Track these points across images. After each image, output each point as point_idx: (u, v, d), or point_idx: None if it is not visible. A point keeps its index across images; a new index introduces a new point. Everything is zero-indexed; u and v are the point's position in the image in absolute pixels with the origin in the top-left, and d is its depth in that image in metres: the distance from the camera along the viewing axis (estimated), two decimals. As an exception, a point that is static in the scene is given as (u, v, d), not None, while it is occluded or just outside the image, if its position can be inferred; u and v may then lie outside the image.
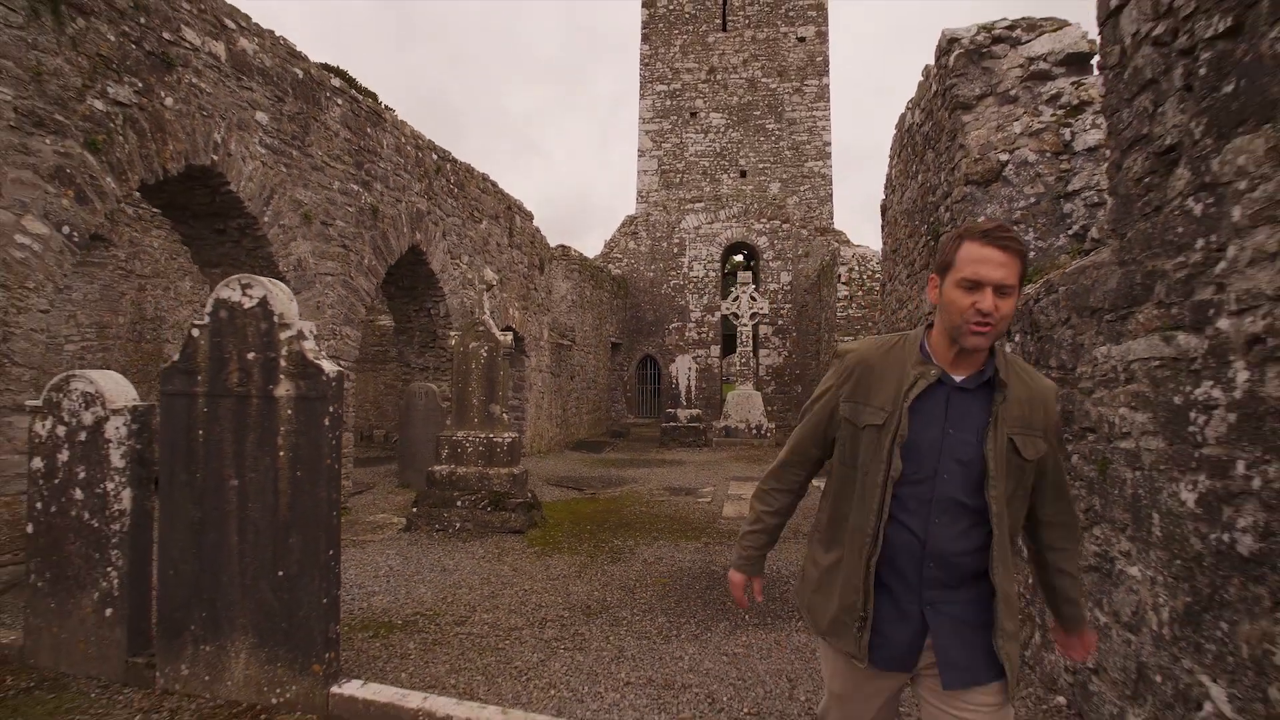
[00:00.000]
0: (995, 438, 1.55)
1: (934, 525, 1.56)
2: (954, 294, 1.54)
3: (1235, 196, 1.98)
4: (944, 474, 1.57)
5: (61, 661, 3.44)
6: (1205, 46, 2.12)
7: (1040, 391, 1.64)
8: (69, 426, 3.43)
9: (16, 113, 4.33)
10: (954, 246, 1.57)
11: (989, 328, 1.51)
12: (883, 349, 1.69)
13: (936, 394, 1.60)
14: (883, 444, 1.59)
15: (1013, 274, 1.51)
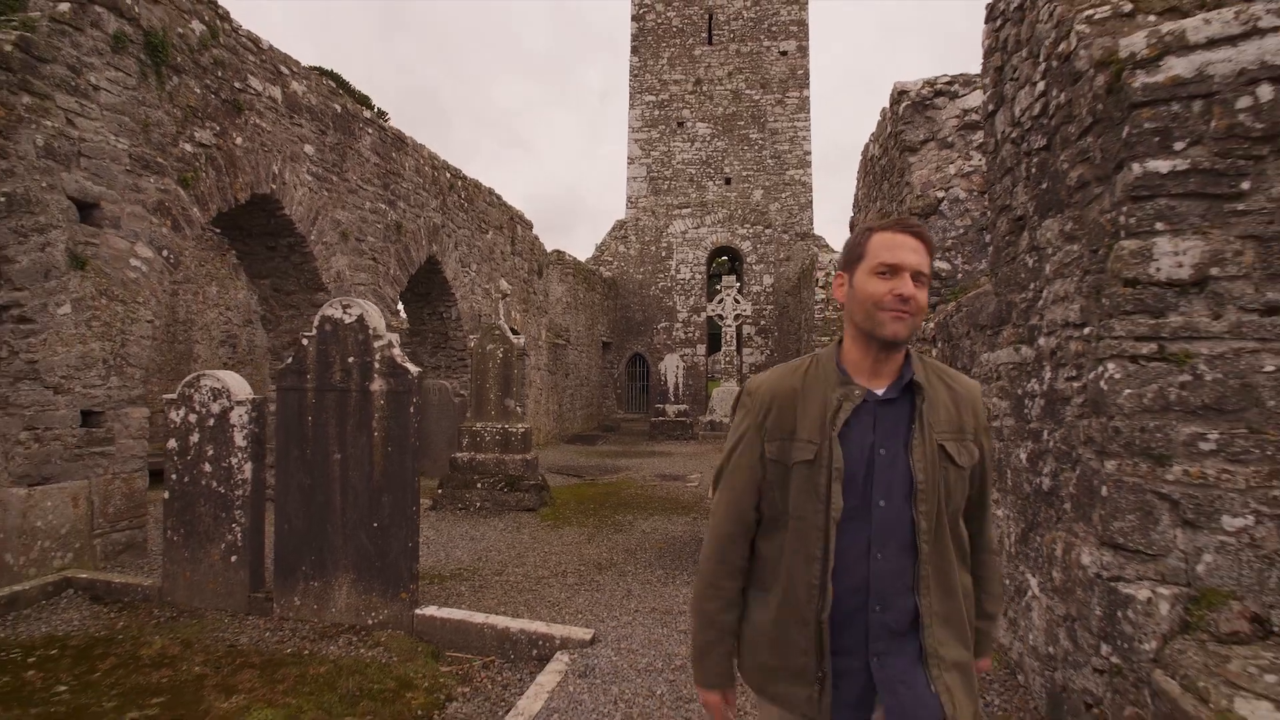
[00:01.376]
0: (923, 444, 1.39)
1: (876, 563, 1.37)
2: (869, 283, 1.39)
3: (1047, 257, 3.02)
4: (880, 500, 1.38)
5: (194, 598, 4.40)
6: (1035, 153, 3.17)
7: (966, 390, 1.50)
8: (199, 414, 4.39)
9: (131, 158, 5.26)
10: (864, 238, 1.44)
11: (908, 314, 1.36)
12: (796, 374, 1.50)
13: (862, 414, 1.42)
14: (817, 481, 1.39)
15: (925, 263, 1.40)
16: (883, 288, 1.38)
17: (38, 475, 4.70)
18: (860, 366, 1.45)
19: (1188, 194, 2.26)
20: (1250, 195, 2.20)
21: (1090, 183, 2.63)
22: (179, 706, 3.19)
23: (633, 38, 22.37)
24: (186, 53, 5.73)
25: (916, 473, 1.38)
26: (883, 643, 1.38)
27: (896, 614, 1.38)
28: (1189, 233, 2.26)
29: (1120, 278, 2.36)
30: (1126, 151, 2.36)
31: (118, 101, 5.15)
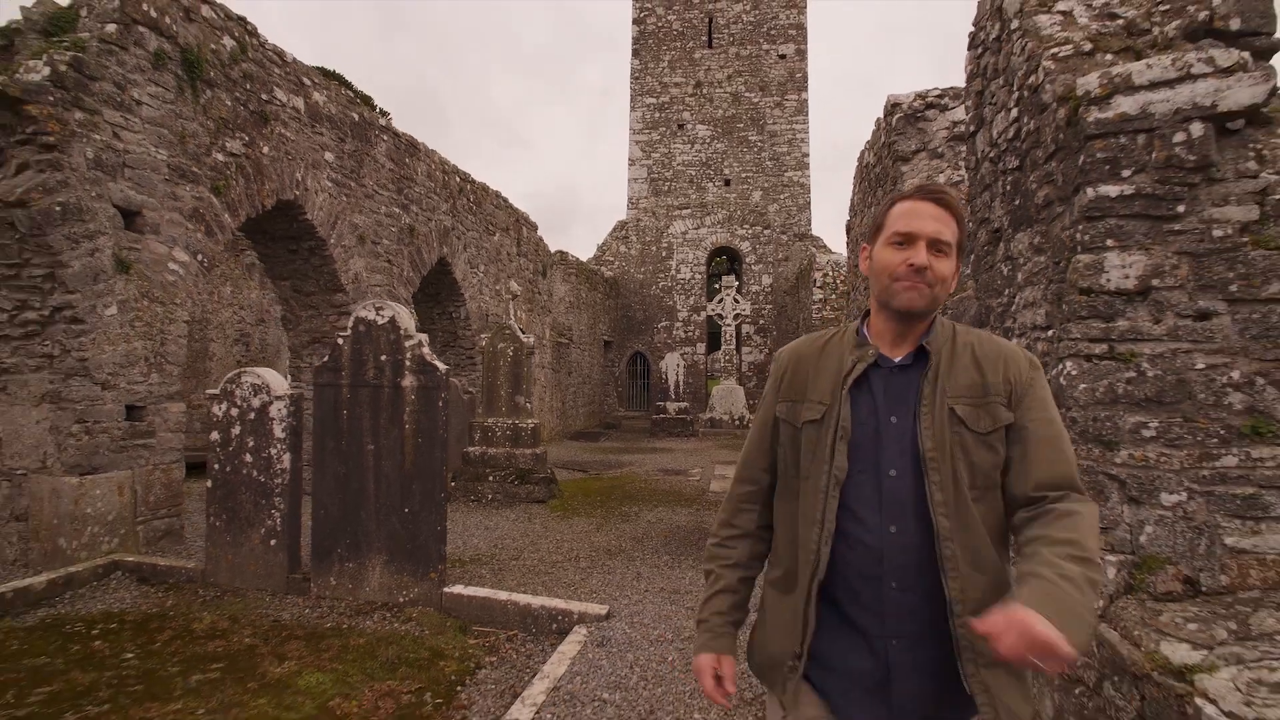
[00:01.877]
0: (932, 410, 1.31)
1: (891, 536, 1.28)
2: (885, 253, 1.35)
3: (1019, 266, 3.37)
4: (891, 469, 1.31)
5: (236, 579, 4.74)
6: (1009, 173, 3.52)
7: (1001, 351, 1.38)
8: (241, 409, 4.73)
9: (169, 168, 5.60)
10: (886, 208, 1.40)
11: (923, 285, 1.30)
12: (819, 341, 1.49)
13: (874, 378, 1.37)
14: (823, 440, 1.35)
15: (949, 231, 1.33)
16: (897, 258, 1.33)
17: (87, 465, 5.04)
18: (883, 336, 1.40)
19: (1133, 215, 2.61)
20: (1185, 217, 2.55)
21: (1054, 202, 2.98)
22: (237, 671, 3.54)
23: (633, 41, 22.70)
24: (218, 67, 6.07)
25: (924, 440, 1.29)
26: (904, 625, 1.27)
27: (921, 596, 1.27)
28: (1134, 249, 2.61)
29: (1077, 287, 2.71)
30: (1082, 177, 2.71)
31: (158, 115, 5.48)
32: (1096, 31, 3.16)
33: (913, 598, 1.28)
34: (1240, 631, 2.16)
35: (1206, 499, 2.49)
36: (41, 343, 4.99)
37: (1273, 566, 2.39)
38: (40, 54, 4.79)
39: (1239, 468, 2.44)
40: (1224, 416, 2.47)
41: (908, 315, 1.34)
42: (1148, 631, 2.27)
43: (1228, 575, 2.43)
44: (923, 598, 1.27)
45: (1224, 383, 2.48)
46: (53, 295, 4.89)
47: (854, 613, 1.32)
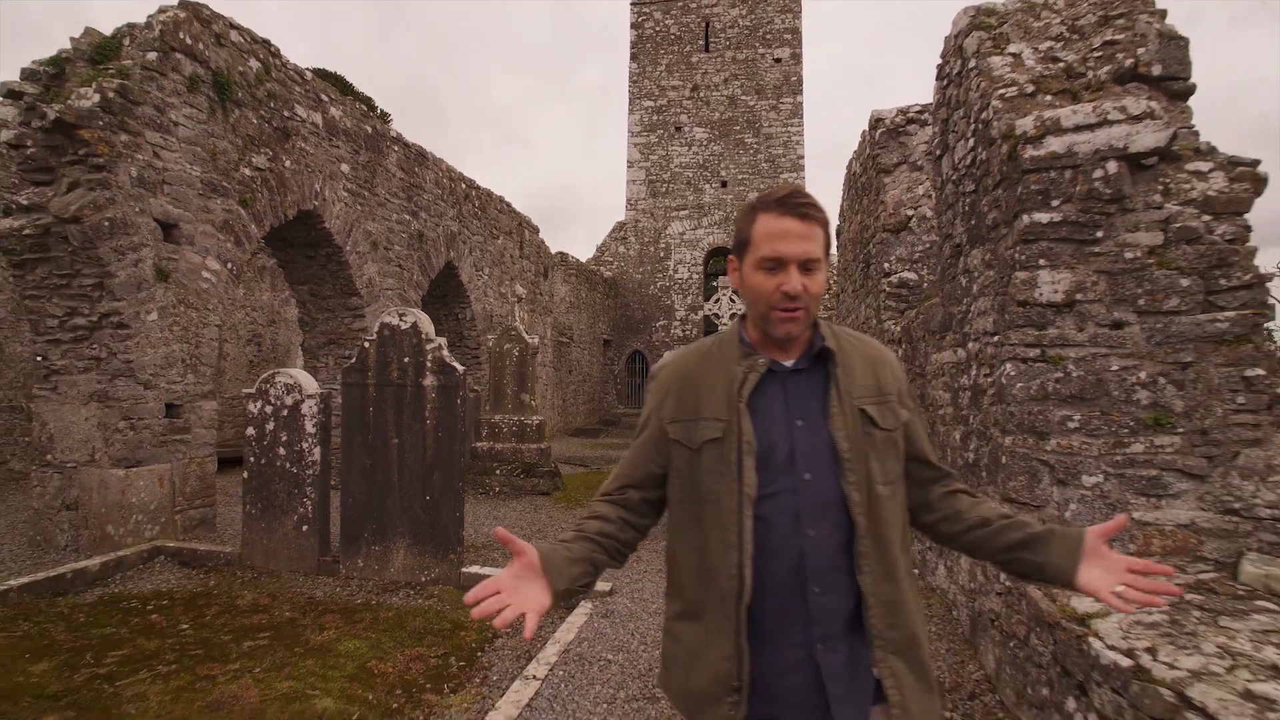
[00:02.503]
0: (842, 411, 1.32)
1: (808, 540, 1.28)
2: (756, 277, 1.32)
3: (974, 279, 3.82)
4: (805, 473, 1.31)
5: (270, 562, 5.19)
6: (967, 195, 3.96)
7: (879, 354, 1.44)
8: (275, 406, 5.18)
9: (202, 184, 6.04)
10: (749, 221, 1.35)
11: (799, 311, 1.30)
12: (701, 353, 1.45)
13: (771, 385, 1.36)
14: (728, 459, 1.32)
15: (817, 245, 1.31)
16: (769, 284, 1.30)
17: (132, 459, 5.49)
18: (765, 341, 1.38)
19: (1061, 239, 3.06)
20: (1103, 241, 3.00)
21: (1000, 224, 3.43)
22: (282, 639, 3.98)
23: (632, 45, 23.11)
24: (245, 88, 6.50)
25: (840, 441, 1.30)
26: (828, 628, 1.27)
27: (840, 595, 1.29)
28: (1062, 268, 3.06)
29: (1015, 299, 3.16)
30: (1020, 205, 3.16)
31: (192, 134, 5.92)
32: (1040, 74, 3.61)
33: (833, 599, 1.28)
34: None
35: (1119, 480, 2.94)
36: (89, 346, 5.43)
37: (1171, 536, 2.84)
38: (90, 81, 5.22)
39: (1144, 453, 2.89)
40: (1133, 410, 2.92)
41: (785, 340, 1.35)
42: (1064, 592, 2.72)
43: (1135, 544, 2.88)
44: (841, 597, 1.29)
45: (1133, 382, 2.93)
46: (101, 303, 5.33)
47: (780, 625, 1.29)
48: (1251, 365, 2.80)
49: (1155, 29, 3.45)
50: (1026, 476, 3.11)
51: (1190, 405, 2.86)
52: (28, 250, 5.26)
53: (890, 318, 6.37)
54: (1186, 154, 3.13)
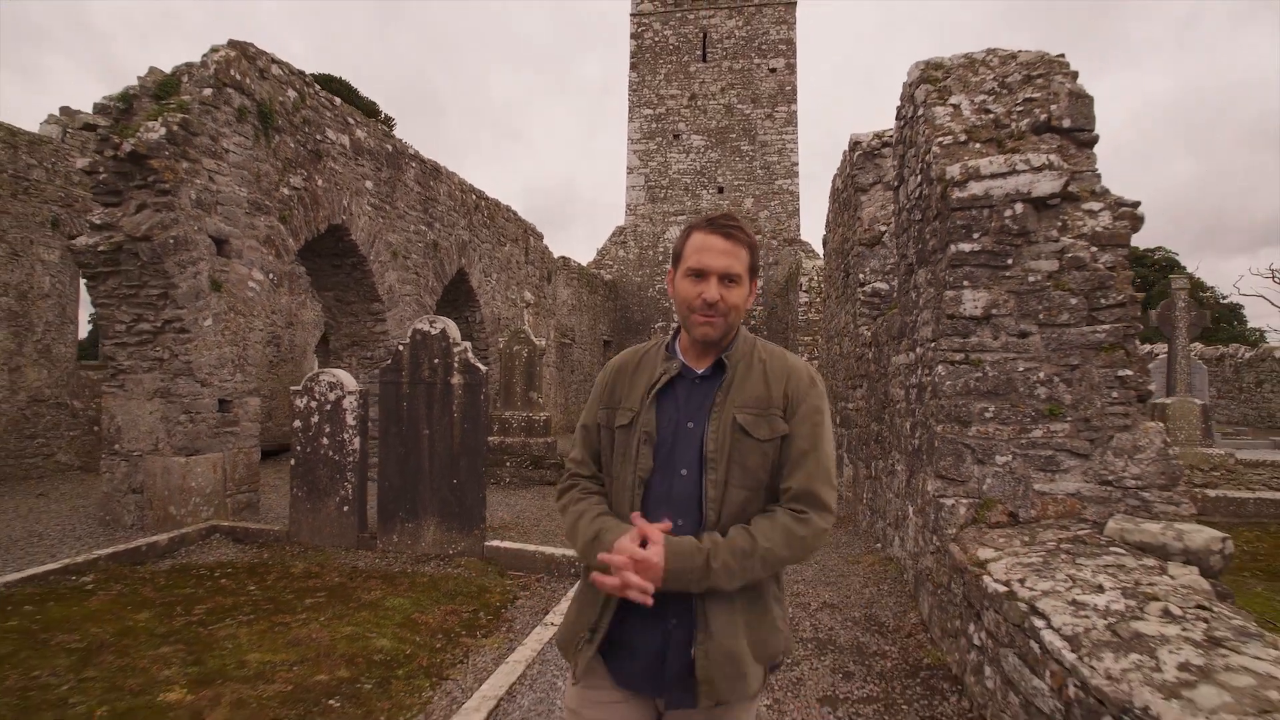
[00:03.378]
0: (719, 417, 1.49)
1: (677, 528, 1.43)
2: (683, 285, 1.50)
3: (920, 294, 4.55)
4: (682, 469, 1.49)
5: (315, 539, 5.91)
6: (916, 223, 4.69)
7: (787, 368, 1.56)
8: (319, 401, 5.90)
9: (249, 203, 6.76)
10: (684, 239, 1.54)
11: (717, 317, 1.47)
12: (639, 353, 1.66)
13: (678, 387, 1.55)
14: (631, 442, 1.52)
15: (740, 263, 1.48)
16: (693, 291, 1.48)
17: (191, 448, 6.21)
18: (690, 350, 1.57)
19: (980, 265, 3.79)
20: (1012, 267, 3.73)
21: (937, 250, 4.16)
22: (337, 597, 4.70)
23: (631, 55, 23.83)
24: (284, 115, 7.22)
25: (707, 443, 1.47)
26: (679, 606, 1.43)
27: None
28: (981, 288, 3.79)
29: (945, 313, 3.89)
30: (949, 236, 3.88)
31: (240, 159, 6.64)
32: (973, 124, 4.33)
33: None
34: (1028, 541, 3.34)
35: (1023, 459, 3.67)
36: (153, 349, 6.15)
37: (1062, 503, 3.57)
38: (155, 116, 5.95)
39: (1042, 437, 3.62)
40: (1034, 403, 3.65)
41: (702, 343, 1.53)
42: (975, 545, 3.44)
43: (1035, 509, 3.61)
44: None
45: (1035, 380, 3.66)
46: (164, 310, 6.05)
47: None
48: (1124, 367, 3.53)
49: (1067, 88, 4.18)
50: (954, 457, 3.83)
51: (1076, 399, 3.59)
52: (101, 264, 5.98)
53: (864, 323, 7.10)
54: (1084, 195, 3.86)
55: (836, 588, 4.73)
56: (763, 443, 1.47)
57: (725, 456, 1.46)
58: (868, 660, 3.60)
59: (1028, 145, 4.06)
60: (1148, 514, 3.42)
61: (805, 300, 17.53)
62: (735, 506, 1.46)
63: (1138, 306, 3.61)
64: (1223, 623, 2.26)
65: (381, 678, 3.48)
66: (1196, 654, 2.03)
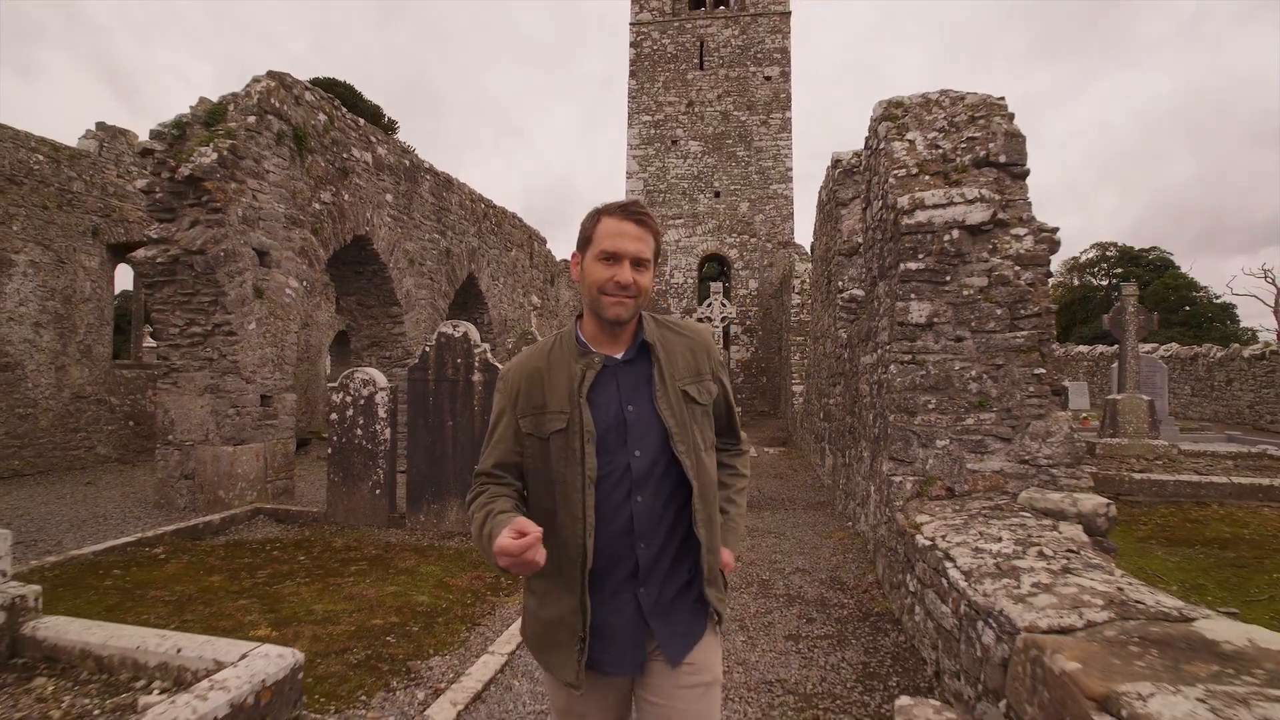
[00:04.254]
0: (666, 394, 1.56)
1: (637, 506, 1.53)
2: (593, 268, 1.53)
3: (880, 303, 5.27)
4: (635, 451, 1.54)
5: (350, 518, 6.64)
6: (879, 242, 5.42)
7: (697, 337, 1.69)
8: (353, 396, 6.63)
9: (285, 218, 7.48)
10: (593, 223, 1.57)
11: (629, 299, 1.52)
12: (543, 354, 1.64)
13: (604, 378, 1.58)
14: (572, 447, 1.52)
15: (648, 248, 1.55)
16: (605, 274, 1.50)
17: (237, 438, 6.94)
18: (598, 338, 1.59)
19: (925, 280, 4.52)
20: (950, 283, 4.46)
21: (891, 267, 4.89)
22: (377, 565, 5.43)
23: (631, 63, 24.55)
24: (316, 137, 7.94)
25: (667, 421, 1.54)
26: (649, 575, 1.53)
27: (657, 548, 1.54)
28: (925, 300, 4.52)
29: (897, 320, 4.62)
30: (900, 256, 4.61)
31: (279, 179, 7.36)
32: (925, 158, 5.06)
33: (652, 550, 1.53)
34: (958, 509, 4.07)
35: (958, 443, 4.40)
36: (204, 349, 6.88)
37: (989, 479, 4.31)
38: (207, 141, 6.67)
39: (974, 425, 4.36)
40: (967, 396, 4.39)
41: (614, 323, 1.55)
42: (916, 513, 4.18)
43: (968, 484, 4.35)
44: (659, 550, 1.55)
45: (968, 377, 4.39)
46: (214, 315, 6.78)
47: (614, 577, 1.53)
48: (1039, 366, 4.27)
49: (1004, 128, 4.92)
50: (903, 442, 4.57)
51: (1001, 392, 4.33)
52: (158, 274, 6.71)
53: (842, 326, 7.83)
54: (1013, 221, 4.59)
55: (809, 557, 5.47)
56: (705, 406, 1.63)
57: (687, 428, 1.56)
58: (828, 609, 4.34)
59: (969, 178, 4.80)
60: (1055, 486, 4.16)
61: (798, 302, 18.25)
62: (706, 469, 1.60)
63: (1052, 316, 4.34)
64: (1079, 560, 2.99)
65: (426, 623, 4.22)
66: (1048, 577, 2.76)
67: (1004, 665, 2.48)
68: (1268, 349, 15.02)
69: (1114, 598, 2.49)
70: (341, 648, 3.77)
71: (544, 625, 1.57)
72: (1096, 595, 2.52)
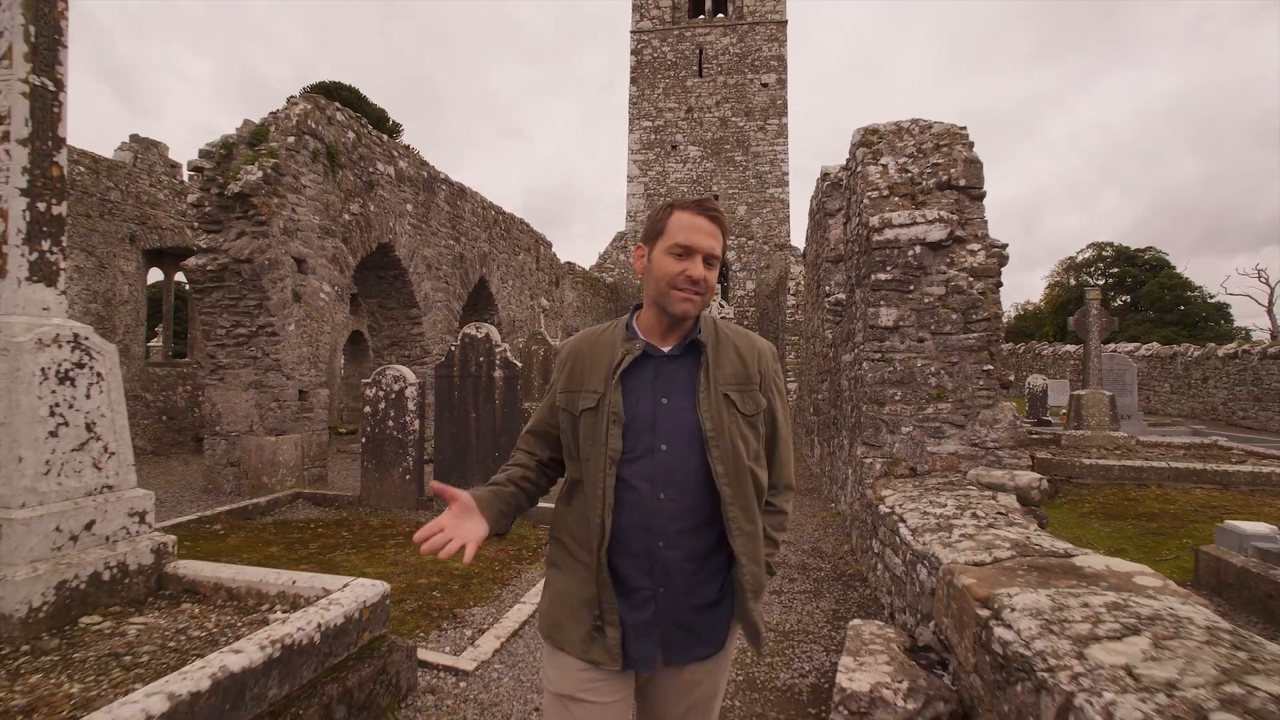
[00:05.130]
0: (709, 396, 1.52)
1: (660, 503, 1.49)
2: (664, 261, 1.51)
3: (856, 308, 5.98)
4: (662, 444, 1.50)
5: (381, 502, 7.34)
6: (855, 254, 6.13)
7: (755, 346, 1.64)
8: (385, 391, 7.33)
9: (320, 229, 8.19)
10: (665, 215, 1.55)
11: (698, 296, 1.51)
12: (594, 336, 1.66)
13: (645, 366, 1.56)
14: (599, 425, 1.51)
15: (719, 246, 1.53)
16: (676, 268, 1.49)
17: (278, 429, 7.65)
18: (653, 330, 1.59)
19: (892, 289, 5.23)
20: (913, 291, 5.17)
21: (864, 277, 5.60)
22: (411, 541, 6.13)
23: (632, 70, 25.25)
24: (345, 153, 8.65)
25: (705, 421, 1.50)
26: (670, 578, 1.49)
27: (684, 552, 1.50)
28: (892, 306, 5.23)
29: (869, 324, 5.33)
30: (871, 268, 5.33)
31: (314, 193, 8.07)
32: (895, 181, 5.78)
33: (676, 554, 1.49)
34: (917, 485, 4.78)
35: (920, 429, 5.12)
36: (248, 349, 7.58)
37: (946, 460, 5.02)
38: (252, 160, 7.38)
39: (933, 414, 5.07)
40: (927, 389, 5.10)
41: (681, 318, 1.53)
42: (882, 489, 4.89)
43: (928, 465, 5.06)
44: (684, 555, 1.50)
45: (929, 373, 5.11)
46: (259, 318, 7.49)
47: (631, 570, 1.50)
48: (988, 363, 4.99)
49: (964, 155, 5.63)
50: (874, 429, 5.28)
51: (956, 386, 5.04)
52: (208, 281, 7.42)
53: (829, 328, 8.55)
54: (969, 238, 5.31)
55: (794, 532, 6.19)
56: (751, 416, 1.56)
57: (726, 433, 1.50)
58: (809, 572, 5.05)
59: (933, 199, 5.52)
60: (999, 466, 4.88)
61: (792, 303, 18.97)
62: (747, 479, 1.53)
63: (1000, 320, 5.06)
64: (1004, 520, 3.71)
65: (463, 582, 4.93)
66: (974, 531, 3.48)
67: (933, 594, 3.20)
68: (1240, 349, 15.74)
69: (1020, 543, 3.21)
70: (396, 599, 4.48)
71: (561, 597, 1.57)
72: (1007, 542, 3.23)
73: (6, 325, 2.94)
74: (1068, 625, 2.15)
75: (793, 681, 3.40)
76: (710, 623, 1.55)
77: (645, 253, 1.59)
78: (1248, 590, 4.10)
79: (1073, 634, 2.08)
